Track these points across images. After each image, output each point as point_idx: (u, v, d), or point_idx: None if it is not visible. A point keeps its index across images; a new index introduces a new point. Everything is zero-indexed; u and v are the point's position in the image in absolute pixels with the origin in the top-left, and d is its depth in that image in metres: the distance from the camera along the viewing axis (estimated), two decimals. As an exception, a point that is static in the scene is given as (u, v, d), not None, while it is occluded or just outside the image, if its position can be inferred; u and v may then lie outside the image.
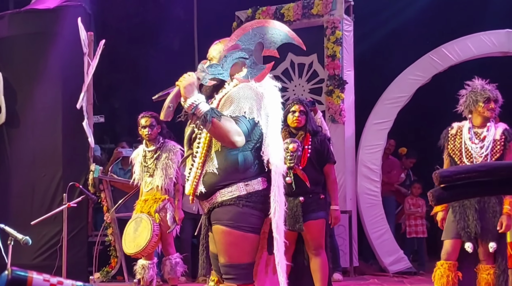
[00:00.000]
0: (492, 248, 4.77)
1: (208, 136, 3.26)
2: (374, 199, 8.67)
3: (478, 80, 5.08)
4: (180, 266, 6.02)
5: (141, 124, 6.08)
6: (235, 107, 3.19)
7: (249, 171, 3.26)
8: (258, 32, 3.36)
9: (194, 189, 3.32)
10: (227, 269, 3.25)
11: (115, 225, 7.18)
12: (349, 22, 8.73)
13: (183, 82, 3.23)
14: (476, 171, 1.07)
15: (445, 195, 1.08)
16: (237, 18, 9.35)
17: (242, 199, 3.22)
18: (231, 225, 3.21)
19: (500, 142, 4.83)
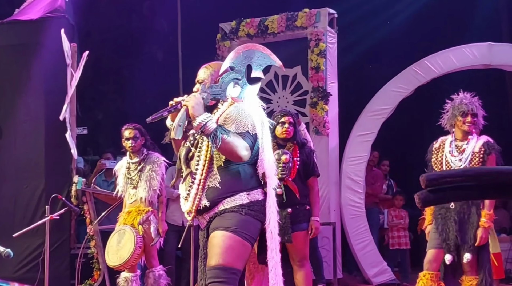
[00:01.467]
0: (467, 259, 4.81)
1: (208, 154, 3.42)
2: (357, 211, 8.69)
3: (462, 94, 5.12)
4: (164, 279, 5.98)
5: (125, 136, 6.05)
6: (238, 124, 3.38)
7: (249, 183, 3.42)
8: (247, 55, 3.60)
9: (196, 205, 3.43)
10: (218, 271, 3.29)
11: (98, 237, 7.13)
12: (332, 34, 8.77)
13: (190, 102, 3.40)
14: (462, 176, 1.09)
15: (431, 198, 1.10)
16: (221, 30, 9.37)
17: (245, 207, 3.36)
18: (232, 230, 3.32)
19: (479, 154, 4.87)
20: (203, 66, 3.75)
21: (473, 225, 4.82)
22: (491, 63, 8.90)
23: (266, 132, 3.49)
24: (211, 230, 3.40)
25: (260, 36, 9.01)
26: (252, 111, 3.47)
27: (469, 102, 4.98)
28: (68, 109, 7.40)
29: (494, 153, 4.87)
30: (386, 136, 9.29)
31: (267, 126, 3.52)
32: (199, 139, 3.51)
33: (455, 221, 4.85)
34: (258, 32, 9.01)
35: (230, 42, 9.23)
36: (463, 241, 4.83)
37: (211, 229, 3.41)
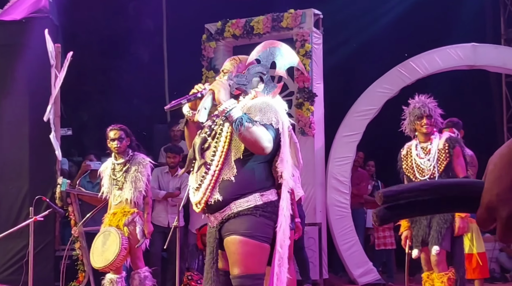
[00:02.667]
0: (435, 250, 4.89)
1: (226, 145, 3.35)
2: (343, 211, 8.71)
3: (417, 97, 5.18)
4: (149, 280, 5.96)
5: (110, 137, 6.02)
6: (262, 116, 3.31)
7: (263, 182, 3.35)
8: (273, 52, 3.54)
9: (207, 197, 3.36)
10: (242, 280, 3.26)
11: (82, 239, 7.09)
12: (318, 35, 8.79)
13: (217, 86, 3.33)
14: (419, 190, 1.08)
15: (388, 215, 1.08)
16: (206, 31, 9.35)
17: (259, 209, 3.29)
18: (249, 235, 3.26)
19: (444, 150, 5.00)
20: (230, 58, 3.67)
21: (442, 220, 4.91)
22: (475, 64, 8.96)
23: (285, 132, 3.41)
24: (226, 233, 3.33)
25: (246, 37, 9.01)
26: (276, 108, 3.40)
27: (421, 105, 5.06)
28: (52, 110, 7.35)
29: (457, 146, 5.00)
30: (371, 136, 9.31)
31: (286, 126, 3.45)
32: (217, 130, 3.42)
33: (426, 218, 4.98)
34: (244, 33, 9.01)
35: (215, 42, 9.22)
36: (430, 235, 4.94)
37: (226, 232, 3.34)
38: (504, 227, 0.92)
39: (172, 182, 8.05)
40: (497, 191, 0.91)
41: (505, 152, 0.91)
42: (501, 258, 9.29)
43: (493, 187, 0.92)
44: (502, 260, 9.29)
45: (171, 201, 7.94)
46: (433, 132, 5.08)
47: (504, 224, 0.92)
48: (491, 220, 0.93)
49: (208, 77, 9.24)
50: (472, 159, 6.12)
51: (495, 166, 0.92)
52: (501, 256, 9.30)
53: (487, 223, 0.95)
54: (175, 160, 8.01)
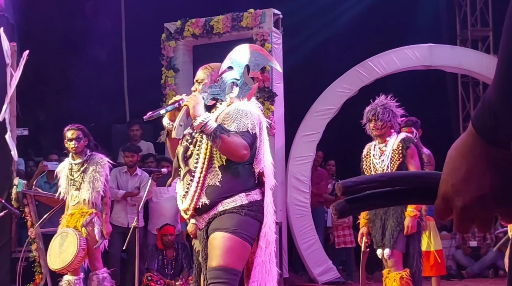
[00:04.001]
0: (386, 254, 4.98)
1: (208, 152, 3.46)
2: (303, 210, 8.75)
3: (378, 98, 5.23)
4: (108, 281, 5.90)
5: (67, 136, 5.93)
6: (238, 124, 3.42)
7: (248, 183, 3.48)
8: (245, 56, 3.68)
9: (195, 203, 3.45)
10: (219, 272, 3.32)
11: (39, 240, 6.98)
12: (278, 35, 8.81)
13: (191, 101, 3.42)
14: (377, 181, 1.09)
15: (348, 208, 1.09)
16: (166, 30, 9.30)
17: (244, 208, 3.41)
18: (232, 231, 3.36)
19: (398, 151, 5.08)
20: (202, 66, 3.77)
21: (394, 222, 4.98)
22: (432, 64, 9.11)
23: (263, 132, 3.55)
24: (211, 231, 3.43)
25: (206, 37, 8.99)
26: (251, 111, 3.52)
27: (370, 109, 5.12)
28: (7, 110, 7.22)
29: (412, 146, 5.07)
30: (331, 136, 9.39)
31: (264, 126, 3.58)
32: (198, 137, 3.53)
33: (381, 218, 5.06)
34: (204, 32, 8.99)
35: (175, 42, 9.18)
36: (384, 236, 5.02)
37: (210, 230, 3.43)
38: (459, 217, 0.94)
39: (130, 182, 7.99)
40: (452, 182, 0.93)
41: (459, 144, 0.93)
42: (457, 255, 9.45)
43: (448, 179, 0.94)
44: (458, 257, 9.45)
45: (130, 200, 7.88)
46: (389, 133, 5.14)
47: (459, 214, 0.93)
48: (448, 210, 0.95)
49: (167, 76, 9.19)
50: (430, 158, 6.21)
51: (450, 158, 0.94)
52: (457, 253, 9.46)
53: (444, 213, 0.96)
54: (133, 159, 7.95)
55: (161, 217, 8.06)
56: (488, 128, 0.88)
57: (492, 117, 0.87)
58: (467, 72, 9.86)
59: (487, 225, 0.94)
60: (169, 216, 8.06)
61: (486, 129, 0.89)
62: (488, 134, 0.89)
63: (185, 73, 9.23)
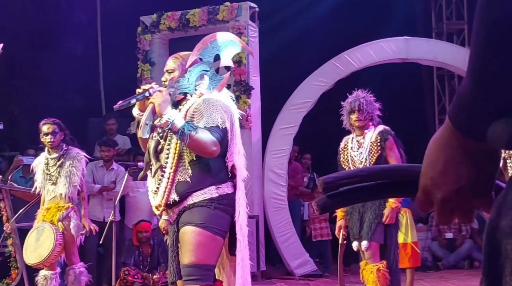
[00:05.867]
0: (364, 246, 5.02)
1: (177, 147, 3.40)
2: (280, 203, 8.78)
3: (355, 92, 5.25)
4: (85, 276, 5.87)
5: (43, 131, 5.88)
6: (208, 118, 3.35)
7: (219, 176, 3.42)
8: (214, 45, 3.57)
9: (166, 199, 3.40)
10: (191, 269, 3.31)
11: (15, 235, 6.92)
12: (254, 28, 8.81)
13: (156, 99, 3.34)
14: (357, 176, 1.09)
15: (329, 203, 1.09)
16: (141, 23, 9.25)
17: (214, 201, 3.36)
18: (202, 226, 3.32)
19: (376, 143, 5.11)
20: (172, 56, 3.69)
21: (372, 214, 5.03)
22: (408, 57, 9.17)
23: (235, 124, 3.49)
24: (181, 224, 3.39)
25: (182, 30, 8.95)
26: (221, 104, 3.45)
27: (353, 100, 5.14)
28: (-18, 104, 7.15)
29: (390, 138, 5.10)
30: (307, 129, 9.41)
31: (237, 118, 3.52)
32: (168, 131, 3.45)
33: (359, 211, 5.09)
34: (180, 26, 8.95)
35: (151, 35, 9.14)
36: (361, 229, 5.05)
37: (180, 223, 3.40)
38: (440, 209, 0.95)
39: (107, 176, 7.95)
40: (431, 175, 0.94)
41: (437, 138, 0.94)
42: (433, 247, 9.55)
43: (428, 171, 0.95)
44: (434, 249, 9.55)
45: (107, 195, 7.85)
46: (368, 126, 5.17)
47: (439, 206, 0.94)
48: (429, 203, 0.96)
49: (143, 70, 9.15)
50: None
51: (429, 151, 0.95)
52: (433, 245, 9.55)
53: (425, 206, 0.97)
54: (109, 153, 7.92)
55: (137, 211, 8.04)
56: (463, 121, 0.89)
57: (466, 109, 0.88)
58: (442, 65, 9.94)
59: (467, 216, 0.95)
60: (146, 210, 8.03)
61: (461, 121, 0.90)
62: (463, 126, 0.90)
63: (161, 66, 9.14)
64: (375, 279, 4.95)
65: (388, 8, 11.46)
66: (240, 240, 3.41)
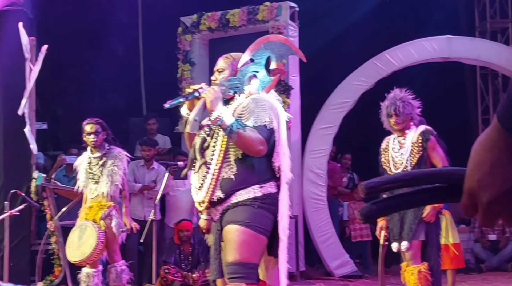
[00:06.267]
0: (404, 246, 4.96)
1: (224, 144, 3.43)
2: (319, 204, 8.75)
3: (393, 92, 5.17)
4: (126, 274, 5.94)
5: (86, 130, 5.97)
6: (256, 118, 3.39)
7: (263, 176, 3.45)
8: (268, 47, 3.60)
9: (210, 196, 3.44)
10: (236, 267, 3.33)
11: (58, 233, 7.05)
12: (294, 28, 8.79)
13: (209, 95, 3.39)
14: (400, 180, 1.07)
15: (374, 211, 1.07)
16: (182, 23, 9.32)
17: (257, 200, 3.39)
18: (246, 224, 3.35)
19: (417, 144, 5.04)
20: (223, 56, 3.73)
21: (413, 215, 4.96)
22: (450, 56, 9.04)
23: (282, 125, 3.52)
24: (225, 223, 3.42)
25: (222, 30, 8.99)
26: (269, 104, 3.49)
27: (389, 104, 5.05)
28: (27, 104, 7.29)
29: (431, 138, 5.02)
30: (347, 129, 9.36)
31: (283, 119, 3.55)
32: (215, 129, 3.50)
33: (400, 212, 4.99)
34: (220, 26, 8.99)
35: (191, 35, 9.20)
36: (402, 230, 4.99)
37: (224, 222, 3.43)
38: (485, 212, 0.93)
39: (147, 175, 8.04)
40: (477, 177, 0.92)
41: (484, 139, 0.92)
42: (476, 248, 9.40)
43: (473, 173, 0.92)
44: (477, 251, 9.40)
45: (147, 194, 7.93)
46: (409, 126, 5.10)
47: (484, 209, 0.92)
48: (474, 206, 0.94)
49: (183, 70, 9.21)
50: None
51: (475, 152, 0.93)
52: (476, 247, 9.41)
53: (470, 210, 0.95)
54: (150, 153, 8.00)
55: (177, 210, 8.10)
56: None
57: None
58: (486, 64, 9.77)
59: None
60: (186, 210, 8.09)
61: (510, 121, 0.88)
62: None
63: (201, 66, 9.24)
64: (416, 280, 4.90)
65: (430, 7, 11.32)
66: (284, 240, 3.41)
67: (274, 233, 3.46)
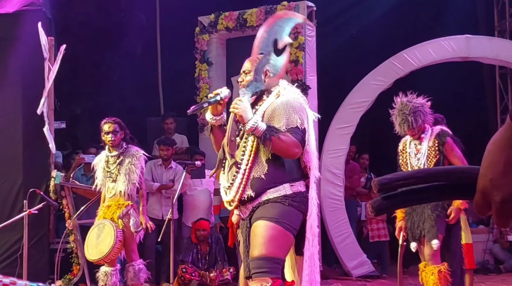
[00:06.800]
0: (436, 245, 4.93)
1: (254, 144, 3.48)
2: (337, 204, 8.72)
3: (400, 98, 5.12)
4: (144, 273, 5.96)
5: (104, 130, 6.00)
6: (287, 120, 3.45)
7: (293, 175, 3.49)
8: (271, 32, 3.65)
9: (240, 194, 3.48)
10: (261, 262, 3.34)
11: (77, 231, 7.09)
12: (311, 28, 8.77)
13: (238, 109, 3.45)
14: (414, 177, 1.07)
15: (385, 205, 1.07)
16: (199, 23, 9.33)
17: (288, 198, 3.43)
18: (275, 220, 3.38)
19: (434, 147, 5.02)
20: (249, 58, 3.77)
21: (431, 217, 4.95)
22: (469, 56, 8.97)
23: (310, 124, 3.58)
24: (254, 220, 3.45)
25: (239, 29, 8.99)
26: (298, 105, 3.53)
27: (402, 119, 4.99)
28: (45, 103, 7.34)
29: (448, 139, 4.98)
30: (365, 129, 9.33)
31: (311, 118, 3.60)
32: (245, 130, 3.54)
33: (418, 213, 5.04)
34: (237, 25, 9.00)
35: (208, 35, 9.21)
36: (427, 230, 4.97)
37: (253, 219, 3.46)
38: (498, 211, 0.93)
39: (165, 175, 8.06)
40: (491, 176, 0.92)
41: (498, 138, 0.92)
42: (494, 249, 9.33)
43: (487, 173, 0.93)
44: (495, 252, 9.33)
45: (165, 193, 7.95)
46: (424, 129, 5.08)
47: (498, 208, 0.92)
48: (487, 205, 0.94)
49: (201, 69, 9.23)
50: None
51: (489, 152, 0.93)
52: (495, 248, 9.34)
53: (483, 208, 0.95)
54: (167, 152, 8.02)
55: (195, 209, 8.12)
56: None
57: None
58: (505, 63, 9.69)
59: None
60: (203, 209, 8.11)
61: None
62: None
63: (218, 66, 9.25)
64: (436, 280, 4.87)
65: (448, 6, 11.24)
66: (310, 238, 3.43)
67: (302, 232, 3.47)
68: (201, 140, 9.17)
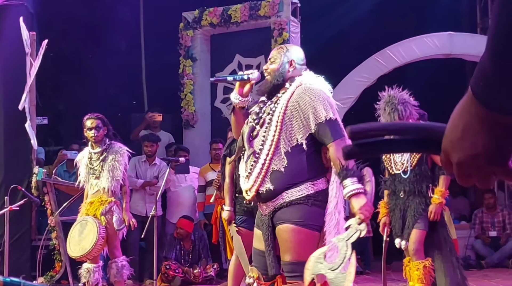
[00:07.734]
0: (403, 246, 5.02)
1: (276, 134, 3.38)
2: (321, 200, 8.74)
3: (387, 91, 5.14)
4: (127, 269, 5.94)
5: (87, 126, 5.96)
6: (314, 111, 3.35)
7: (313, 172, 3.39)
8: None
9: (258, 185, 3.40)
10: (294, 266, 3.33)
11: (59, 228, 7.05)
12: (296, 24, 8.78)
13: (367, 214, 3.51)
14: (386, 129, 1.12)
15: (356, 151, 1.12)
16: (183, 19, 9.31)
17: (310, 198, 3.35)
18: (301, 224, 3.34)
19: None
20: (278, 46, 3.77)
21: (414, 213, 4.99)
22: (452, 53, 9.03)
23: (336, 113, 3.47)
24: (279, 222, 3.39)
25: (223, 25, 8.98)
26: (322, 94, 3.44)
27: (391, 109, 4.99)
28: (27, 99, 7.28)
29: None
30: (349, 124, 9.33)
31: (335, 107, 3.48)
32: (266, 118, 3.46)
33: (401, 209, 5.08)
34: (221, 21, 8.98)
35: (193, 31, 9.19)
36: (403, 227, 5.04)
37: (278, 220, 3.39)
38: (457, 172, 0.99)
39: (149, 171, 8.03)
40: (450, 138, 0.98)
41: (461, 104, 0.97)
42: (476, 245, 9.39)
43: (448, 135, 0.99)
44: (477, 247, 9.39)
45: (149, 190, 7.93)
46: None
47: (455, 169, 0.98)
48: (450, 164, 0.99)
49: (185, 65, 9.20)
50: None
51: (452, 116, 0.99)
52: (476, 243, 9.40)
53: (447, 166, 1.00)
54: (152, 148, 7.99)
55: (179, 206, 8.10)
56: (482, 90, 0.91)
57: (485, 80, 0.91)
58: (487, 60, 9.74)
59: (484, 182, 0.98)
60: (187, 205, 8.10)
61: (480, 90, 0.92)
62: (481, 95, 0.92)
63: (202, 62, 9.23)
64: (421, 275, 4.90)
65: (432, 3, 11.30)
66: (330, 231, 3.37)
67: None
68: (185, 136, 9.15)
